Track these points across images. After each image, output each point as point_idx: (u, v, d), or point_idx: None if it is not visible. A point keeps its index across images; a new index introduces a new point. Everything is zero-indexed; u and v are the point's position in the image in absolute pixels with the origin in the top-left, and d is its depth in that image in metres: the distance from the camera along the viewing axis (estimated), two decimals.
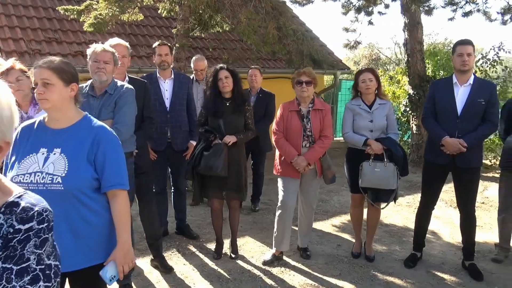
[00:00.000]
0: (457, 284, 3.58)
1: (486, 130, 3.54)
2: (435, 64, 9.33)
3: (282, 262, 3.90)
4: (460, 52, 3.54)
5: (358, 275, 3.71)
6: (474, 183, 3.66)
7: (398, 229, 4.92)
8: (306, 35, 6.15)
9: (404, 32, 8.66)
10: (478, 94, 3.51)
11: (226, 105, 3.72)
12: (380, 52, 28.50)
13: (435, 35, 28.48)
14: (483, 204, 5.98)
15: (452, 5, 8.78)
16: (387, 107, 3.82)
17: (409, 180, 7.07)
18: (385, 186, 3.67)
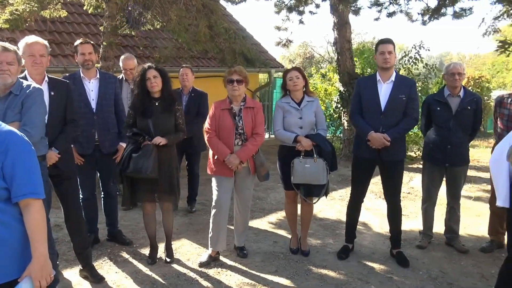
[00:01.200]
0: (386, 272, 3.75)
1: (407, 124, 3.74)
2: (363, 62, 9.74)
3: (218, 263, 3.86)
4: (382, 50, 3.71)
5: (294, 270, 3.77)
6: (398, 175, 3.86)
7: (332, 223, 5.08)
8: (238, 34, 6.14)
9: (334, 31, 8.95)
10: (400, 90, 3.69)
11: (155, 105, 3.61)
12: (314, 50, 29.34)
13: (364, 34, 29.79)
14: (409, 194, 6.34)
15: (377, 6, 9.20)
16: (315, 104, 3.92)
17: (341, 174, 7.34)
18: (316, 182, 3.75)
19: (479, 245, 4.33)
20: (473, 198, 6.12)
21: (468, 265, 3.93)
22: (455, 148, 4.00)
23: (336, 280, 3.60)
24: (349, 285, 3.51)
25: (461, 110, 3.98)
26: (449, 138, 3.99)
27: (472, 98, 4.04)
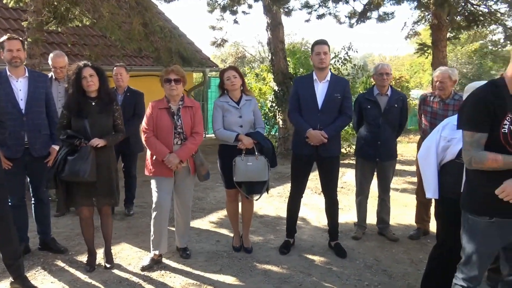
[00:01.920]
0: (326, 264, 3.91)
1: (343, 121, 3.93)
2: (295, 62, 10.02)
3: (161, 265, 3.80)
4: (317, 51, 3.86)
5: (238, 267, 3.81)
6: (335, 170, 4.04)
7: (272, 219, 5.19)
8: (174, 32, 6.06)
9: (267, 31, 9.13)
10: (335, 89, 3.87)
11: (92, 105, 3.46)
12: (245, 50, 29.61)
13: (293, 35, 30.59)
14: (342, 189, 6.65)
15: (308, 8, 9.54)
16: (253, 103, 3.99)
17: (278, 171, 7.51)
18: (258, 178, 3.82)
19: (408, 233, 4.67)
20: (400, 190, 6.57)
21: (399, 252, 4.22)
22: (384, 143, 4.27)
23: (280, 274, 3.69)
24: (292, 278, 3.61)
25: (389, 108, 4.26)
26: (379, 134, 4.25)
27: (399, 97, 4.35)
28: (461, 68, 25.46)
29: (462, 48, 24.77)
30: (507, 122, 2.20)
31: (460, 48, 24.72)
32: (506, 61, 22.43)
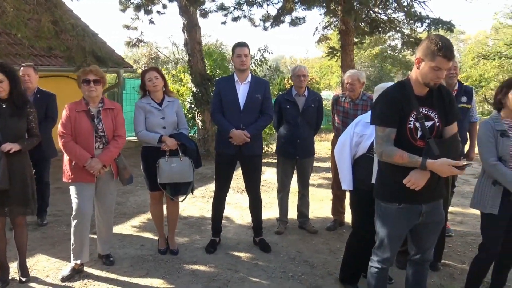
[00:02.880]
0: (252, 259, 4.03)
1: (264, 121, 4.08)
2: (212, 63, 10.08)
3: (83, 274, 3.63)
4: (238, 53, 3.97)
5: (165, 270, 3.78)
6: (258, 168, 4.18)
7: (196, 220, 5.20)
8: (87, 31, 5.78)
9: (184, 32, 9.07)
10: (256, 90, 4.01)
11: (2, 108, 3.20)
12: (159, 51, 28.97)
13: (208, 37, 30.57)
14: (263, 186, 6.83)
15: (223, 10, 9.64)
16: (176, 104, 3.99)
17: (199, 172, 7.51)
18: (183, 179, 3.83)
19: (325, 225, 4.97)
20: (316, 186, 6.94)
21: (318, 243, 4.49)
22: (303, 141, 4.51)
23: (208, 273, 3.73)
24: (220, 276, 3.68)
25: (306, 108, 4.51)
26: (298, 133, 4.48)
27: (315, 97, 4.62)
28: (364, 70, 27.45)
29: (365, 52, 26.70)
30: (412, 119, 2.48)
31: (363, 52, 26.64)
32: (403, 64, 24.66)
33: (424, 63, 2.39)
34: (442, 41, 2.33)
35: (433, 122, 2.50)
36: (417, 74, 2.47)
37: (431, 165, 2.37)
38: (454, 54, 2.42)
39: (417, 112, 2.48)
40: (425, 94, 2.52)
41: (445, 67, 2.36)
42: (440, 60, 2.32)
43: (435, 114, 2.51)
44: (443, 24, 7.23)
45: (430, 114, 2.51)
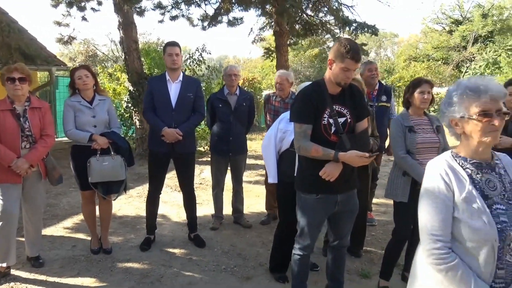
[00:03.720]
0: (186, 255, 4.12)
1: (196, 119, 4.18)
2: (149, 62, 9.99)
3: (10, 277, 3.54)
4: (170, 52, 4.04)
5: (97, 269, 3.77)
6: (191, 166, 4.28)
7: (132, 219, 5.19)
8: (13, 27, 5.55)
9: (119, 30, 8.91)
10: (187, 89, 4.10)
11: None
12: (97, 49, 28.03)
13: (148, 35, 30.02)
14: (201, 184, 6.94)
15: (161, 9, 9.59)
16: (107, 102, 3.98)
17: (137, 172, 7.46)
18: (115, 178, 3.84)
19: (260, 219, 5.16)
20: (253, 182, 7.13)
21: (252, 236, 4.66)
22: (235, 139, 4.66)
23: (141, 270, 3.78)
24: (153, 272, 3.73)
25: (238, 107, 4.66)
26: (230, 131, 4.62)
27: (246, 96, 4.79)
28: (305, 71, 28.25)
29: (305, 53, 27.48)
30: (326, 115, 2.70)
31: (303, 53, 27.40)
32: None
33: (335, 64, 2.62)
34: (351, 45, 2.56)
35: (346, 119, 2.73)
36: (329, 74, 2.69)
37: (342, 157, 2.59)
38: (361, 56, 2.66)
39: (330, 109, 2.70)
40: (338, 93, 2.75)
41: (353, 68, 2.59)
42: (349, 61, 2.55)
43: (347, 111, 2.75)
44: (368, 28, 7.72)
45: (342, 111, 2.74)
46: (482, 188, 1.64)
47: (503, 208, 1.62)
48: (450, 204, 1.62)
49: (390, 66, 36.33)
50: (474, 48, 26.32)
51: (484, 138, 1.62)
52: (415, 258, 1.82)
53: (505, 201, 1.64)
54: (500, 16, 27.65)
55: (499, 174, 1.69)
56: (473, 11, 28.73)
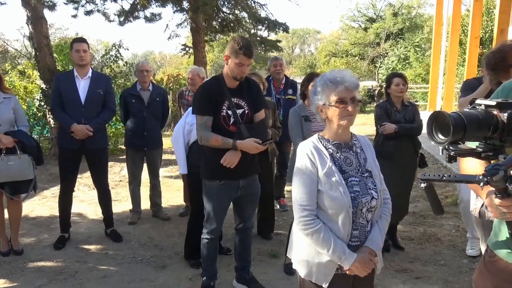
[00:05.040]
0: (102, 250, 4.16)
1: (107, 115, 4.21)
2: (64, 58, 9.61)
3: None
4: (77, 48, 4.03)
5: (7, 270, 3.69)
6: (104, 161, 4.30)
7: (45, 219, 5.08)
8: None
9: (28, 25, 8.48)
10: (97, 85, 4.12)
11: None
12: (8, 44, 26.10)
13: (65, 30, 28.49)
14: (121, 182, 6.90)
15: (74, 3, 9.27)
16: (13, 100, 3.89)
17: (52, 173, 7.21)
18: (22, 178, 3.77)
19: (179, 211, 5.29)
20: (174, 177, 7.21)
21: (170, 228, 4.78)
22: (150, 133, 4.75)
23: (54, 267, 3.76)
24: (67, 269, 3.74)
25: (151, 102, 4.75)
26: (144, 125, 4.70)
27: (160, 91, 4.89)
28: None
29: None
30: (225, 107, 2.92)
31: None
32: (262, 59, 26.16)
33: (230, 60, 2.85)
34: (243, 42, 2.80)
35: (243, 110, 2.98)
36: (227, 69, 2.91)
37: (240, 145, 2.83)
38: (253, 52, 2.91)
39: (229, 101, 2.92)
40: (236, 87, 2.98)
41: (246, 63, 2.84)
42: (242, 57, 2.79)
43: (244, 103, 2.99)
44: (280, 25, 8.11)
45: (240, 103, 2.97)
46: (340, 164, 1.93)
47: (357, 180, 1.93)
48: (315, 178, 1.90)
49: (313, 61, 37.87)
50: (387, 45, 28.27)
51: (341, 122, 1.92)
52: (292, 228, 2.09)
53: (359, 174, 1.95)
54: (409, 14, 29.96)
55: (355, 152, 2.00)
56: (385, 9, 30.83)
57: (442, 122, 1.25)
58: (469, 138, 1.24)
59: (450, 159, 1.31)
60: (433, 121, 1.28)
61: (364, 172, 1.97)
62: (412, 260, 3.83)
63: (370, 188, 1.93)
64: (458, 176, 1.51)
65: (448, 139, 1.22)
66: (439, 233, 4.41)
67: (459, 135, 1.20)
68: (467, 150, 1.30)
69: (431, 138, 1.28)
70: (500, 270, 1.50)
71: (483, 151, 1.28)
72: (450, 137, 1.21)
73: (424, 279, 3.50)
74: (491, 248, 1.57)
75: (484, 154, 1.28)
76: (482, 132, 1.23)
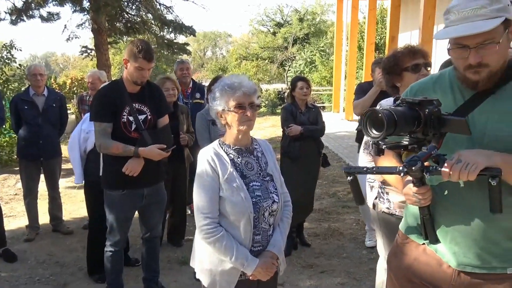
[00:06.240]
0: None
1: None
2: None
3: None
4: None
5: None
6: None
7: None
8: None
9: None
10: None
11: None
12: None
13: None
14: (16, 195, 6.30)
15: None
16: None
17: None
18: None
19: (82, 224, 4.97)
20: (77, 187, 6.76)
21: (72, 242, 4.48)
22: (46, 142, 4.40)
23: None
24: None
25: (47, 108, 4.41)
26: (39, 133, 4.35)
27: (56, 97, 4.56)
28: None
29: None
30: (125, 113, 2.80)
31: None
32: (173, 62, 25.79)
33: (129, 63, 2.74)
34: (142, 45, 2.72)
35: (146, 116, 2.88)
36: (126, 73, 2.80)
37: (142, 152, 2.74)
38: (154, 56, 2.84)
39: (130, 107, 2.81)
40: (138, 91, 2.88)
41: (146, 67, 2.76)
42: (141, 61, 2.71)
43: (147, 108, 2.90)
44: (187, 28, 8.04)
45: (142, 108, 2.88)
46: (241, 169, 1.95)
47: (258, 184, 1.96)
48: (216, 185, 1.89)
49: (224, 64, 38.14)
50: (294, 49, 29.39)
51: (241, 127, 1.93)
52: (195, 236, 2.06)
53: (260, 179, 1.98)
54: (313, 20, 31.48)
55: (256, 156, 2.03)
56: (291, 15, 32.03)
57: (375, 119, 1.33)
58: (398, 132, 1.35)
59: (379, 152, 1.43)
60: (366, 118, 1.36)
61: (266, 176, 2.00)
62: (317, 255, 4.01)
63: (271, 192, 1.97)
64: (380, 168, 1.66)
65: (382, 134, 1.31)
66: (342, 228, 4.68)
67: (391, 129, 1.30)
68: (396, 143, 1.42)
69: (366, 134, 1.37)
70: (412, 250, 1.65)
71: (409, 144, 1.40)
72: (384, 132, 1.30)
73: (329, 272, 3.69)
74: (403, 232, 1.72)
75: (410, 146, 1.40)
76: (409, 127, 1.34)
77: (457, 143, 1.33)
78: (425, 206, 1.49)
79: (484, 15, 1.30)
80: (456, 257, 1.51)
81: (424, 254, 1.61)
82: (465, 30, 1.32)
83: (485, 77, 1.38)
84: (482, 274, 1.49)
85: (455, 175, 1.30)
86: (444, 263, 1.55)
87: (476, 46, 1.33)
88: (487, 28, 1.29)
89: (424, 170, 1.36)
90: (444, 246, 1.54)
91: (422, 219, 1.54)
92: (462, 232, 1.48)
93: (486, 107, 1.40)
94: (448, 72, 1.56)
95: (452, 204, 1.50)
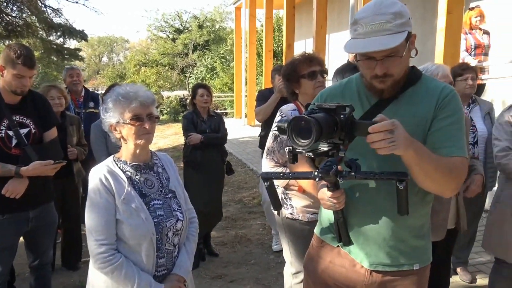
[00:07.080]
0: None
1: None
2: None
3: None
4: None
5: None
6: None
7: None
8: None
9: None
10: None
11: None
12: None
13: None
14: None
15: None
16: None
17: None
18: None
19: None
20: None
21: None
22: None
23: None
24: None
25: None
26: None
27: None
28: None
29: None
30: (3, 127, 2.47)
31: None
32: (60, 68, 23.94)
33: (6, 71, 2.43)
34: (21, 50, 2.42)
35: (29, 129, 2.57)
36: (3, 82, 2.47)
37: (25, 172, 2.43)
38: (35, 62, 2.55)
39: (9, 120, 2.48)
40: (18, 102, 2.56)
41: (27, 75, 2.46)
42: (21, 67, 2.41)
43: (30, 121, 2.58)
44: (77, 33, 7.48)
45: (25, 121, 2.56)
46: (140, 187, 1.79)
47: (160, 203, 1.82)
48: (112, 207, 1.71)
49: (122, 71, 36.55)
50: (195, 55, 29.24)
51: (138, 141, 1.78)
52: (89, 264, 1.84)
53: (162, 196, 1.84)
54: (213, 27, 31.65)
55: (157, 172, 1.89)
56: (191, 21, 31.85)
57: (298, 127, 1.30)
58: (323, 138, 1.33)
59: (294, 159, 1.41)
60: (290, 128, 1.32)
61: (168, 193, 1.87)
62: (226, 265, 3.95)
63: (174, 209, 1.84)
64: (296, 173, 1.64)
65: (311, 142, 1.28)
66: (249, 234, 4.69)
67: (317, 136, 1.27)
68: (317, 149, 1.39)
69: (294, 144, 1.33)
70: (327, 253, 1.67)
71: (329, 150, 1.38)
72: (313, 139, 1.27)
73: (238, 281, 3.65)
74: (318, 236, 1.73)
75: (331, 152, 1.38)
76: (331, 133, 1.33)
77: (364, 146, 1.36)
78: (339, 210, 1.52)
79: (389, 30, 1.37)
80: (368, 257, 1.56)
81: (338, 256, 1.64)
82: (373, 46, 1.38)
83: (390, 86, 1.48)
84: (392, 272, 1.56)
85: (375, 137, 1.26)
86: (357, 263, 1.59)
87: (382, 58, 1.41)
88: (393, 45, 1.36)
89: (337, 175, 1.38)
90: (357, 247, 1.58)
91: (336, 222, 1.57)
92: (373, 232, 1.54)
93: (390, 111, 1.48)
94: (355, 78, 1.62)
95: (363, 206, 1.55)
